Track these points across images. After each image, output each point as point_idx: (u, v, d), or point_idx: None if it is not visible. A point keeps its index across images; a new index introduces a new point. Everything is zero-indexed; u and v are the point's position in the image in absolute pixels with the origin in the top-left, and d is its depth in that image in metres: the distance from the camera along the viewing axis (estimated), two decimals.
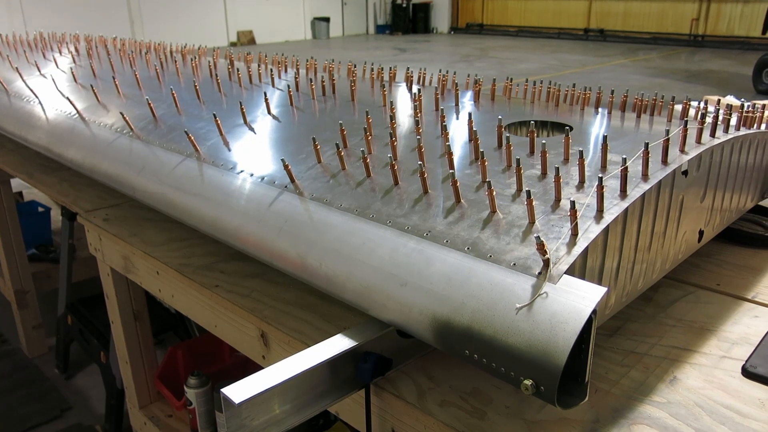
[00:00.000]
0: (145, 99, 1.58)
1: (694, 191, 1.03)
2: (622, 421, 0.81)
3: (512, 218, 0.85)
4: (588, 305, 0.69)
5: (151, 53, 2.43)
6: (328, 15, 17.84)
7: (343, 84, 1.64)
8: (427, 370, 0.93)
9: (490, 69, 10.65)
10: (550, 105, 1.42)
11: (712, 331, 1.01)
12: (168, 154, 1.35)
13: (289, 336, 1.04)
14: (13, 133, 2.01)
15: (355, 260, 0.90)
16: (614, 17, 15.94)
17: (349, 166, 1.08)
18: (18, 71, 2.16)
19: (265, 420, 0.81)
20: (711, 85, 9.05)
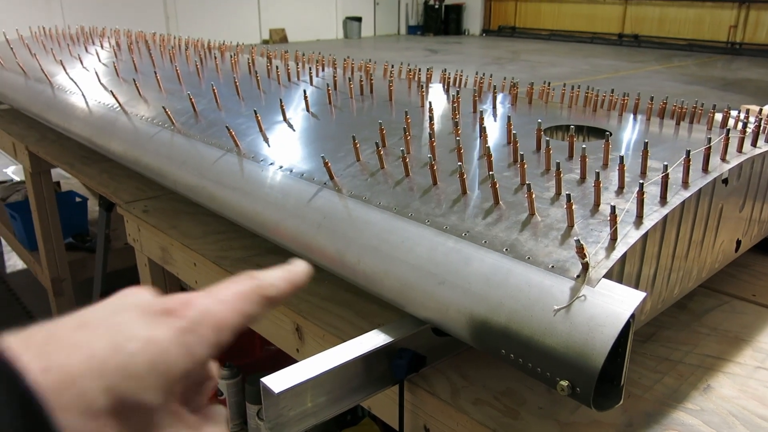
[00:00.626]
0: (185, 94, 1.62)
1: (733, 200, 1.03)
2: (656, 426, 0.81)
3: (551, 221, 0.86)
4: (626, 309, 0.69)
5: (191, 49, 2.47)
6: (360, 15, 17.90)
7: (380, 84, 1.66)
8: (461, 369, 0.94)
9: (522, 72, 10.60)
10: (588, 110, 1.42)
11: (746, 342, 1.01)
12: (208, 149, 1.38)
13: (324, 330, 1.06)
14: (56, 124, 2.07)
15: (394, 258, 0.92)
16: (649, 23, 15.75)
17: (388, 165, 1.09)
18: (61, 64, 2.22)
19: (301, 411, 0.83)
20: (747, 93, 8.90)
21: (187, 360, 0.35)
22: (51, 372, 0.31)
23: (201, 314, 0.37)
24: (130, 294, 0.39)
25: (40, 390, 0.30)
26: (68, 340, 0.33)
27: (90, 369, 0.32)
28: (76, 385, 0.31)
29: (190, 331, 0.36)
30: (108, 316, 0.35)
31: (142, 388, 0.33)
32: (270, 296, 0.41)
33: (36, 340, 0.32)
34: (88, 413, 0.31)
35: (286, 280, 0.43)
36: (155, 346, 0.34)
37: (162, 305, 0.37)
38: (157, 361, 0.34)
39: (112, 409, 0.31)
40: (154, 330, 0.35)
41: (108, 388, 0.32)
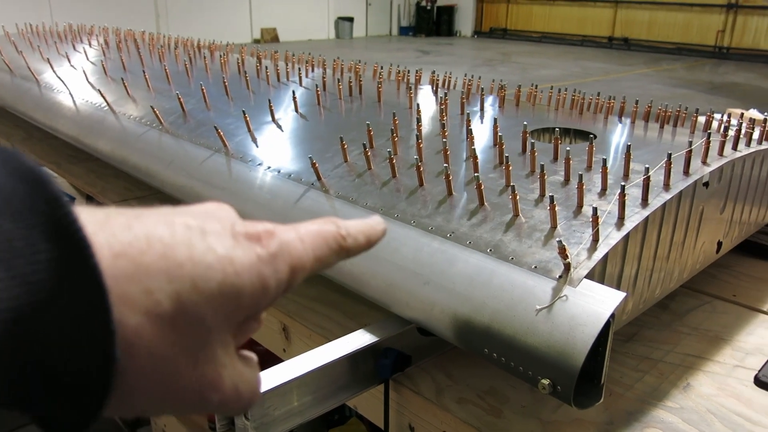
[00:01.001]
0: (174, 93, 1.62)
1: (714, 203, 1.05)
2: (636, 424, 0.83)
3: (535, 222, 0.87)
4: (607, 309, 0.71)
5: (180, 48, 2.47)
6: (352, 15, 17.90)
7: (369, 85, 1.67)
8: (446, 368, 0.95)
9: (513, 74, 10.64)
10: (574, 112, 1.44)
11: (726, 341, 1.02)
12: (197, 149, 1.38)
13: (311, 330, 1.06)
14: (43, 123, 2.06)
15: (380, 258, 0.93)
16: (639, 26, 15.85)
17: (375, 166, 1.10)
18: (49, 62, 2.21)
19: (287, 410, 0.84)
20: (734, 97, 8.98)
21: (257, 290, 0.33)
22: (123, 259, 0.29)
23: (282, 247, 0.35)
24: (216, 206, 0.37)
25: (106, 273, 0.28)
26: (150, 231, 0.30)
27: (164, 269, 0.30)
28: (146, 281, 0.29)
29: (269, 262, 0.34)
30: (192, 221, 0.33)
31: (208, 306, 0.31)
32: (347, 247, 0.39)
33: (115, 222, 0.30)
34: (149, 314, 0.29)
35: (365, 235, 0.41)
36: (232, 267, 0.32)
37: (247, 228, 0.35)
38: (230, 282, 0.32)
39: (174, 317, 0.30)
40: (235, 250, 0.33)
41: (177, 295, 0.30)
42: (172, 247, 0.31)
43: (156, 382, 0.30)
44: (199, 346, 0.32)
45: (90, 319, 0.27)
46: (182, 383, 0.31)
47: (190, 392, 0.32)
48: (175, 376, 0.31)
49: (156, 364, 0.30)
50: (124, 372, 0.29)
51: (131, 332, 0.29)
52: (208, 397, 0.33)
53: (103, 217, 0.30)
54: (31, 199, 0.26)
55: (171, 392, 0.31)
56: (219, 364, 0.33)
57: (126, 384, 0.29)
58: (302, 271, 0.36)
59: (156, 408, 0.32)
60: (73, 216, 0.27)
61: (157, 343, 0.29)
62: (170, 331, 0.30)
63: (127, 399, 0.30)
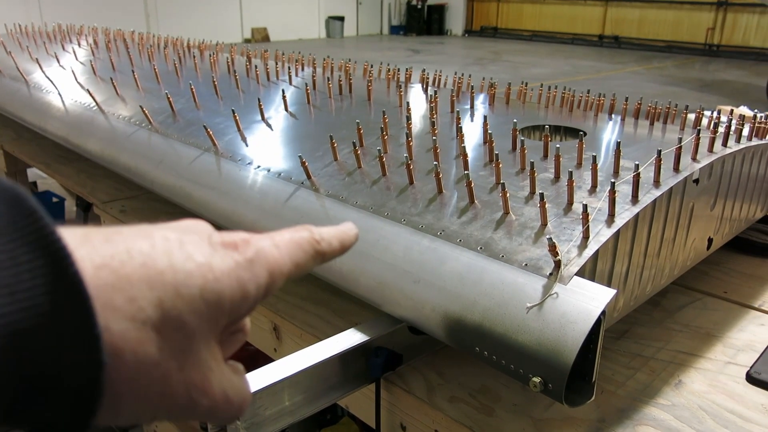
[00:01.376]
0: (163, 93, 1.61)
1: (704, 199, 1.05)
2: (627, 421, 0.83)
3: (525, 220, 0.87)
4: (597, 306, 0.70)
5: (170, 48, 2.46)
6: (342, 14, 17.88)
7: (359, 84, 1.67)
8: (437, 367, 0.95)
9: (504, 73, 10.65)
10: (564, 110, 1.44)
11: (718, 338, 1.02)
12: (186, 148, 1.37)
13: (302, 330, 1.06)
14: (31, 123, 2.04)
15: (370, 256, 0.92)
16: (629, 24, 15.89)
17: (365, 165, 1.10)
18: (37, 62, 2.19)
19: (278, 410, 0.83)
20: (724, 95, 9.02)
21: (237, 295, 0.35)
22: (105, 270, 0.30)
23: (258, 254, 0.36)
24: (192, 223, 0.38)
25: (90, 283, 0.29)
26: (129, 244, 0.32)
27: (145, 277, 0.31)
28: (128, 290, 0.30)
29: (247, 267, 0.35)
30: (170, 234, 0.34)
31: (190, 311, 0.32)
32: (322, 251, 0.41)
33: (95, 238, 0.31)
34: (135, 320, 0.30)
35: (339, 240, 0.42)
36: (211, 273, 0.33)
37: (223, 237, 0.36)
38: (210, 288, 0.33)
39: (158, 323, 0.31)
40: (213, 258, 0.34)
41: (159, 301, 0.31)
42: (152, 257, 0.32)
43: (145, 386, 0.31)
44: (184, 351, 0.33)
45: (75, 325, 0.28)
46: (171, 387, 0.32)
47: (179, 396, 0.33)
48: (163, 380, 0.32)
49: (143, 368, 0.31)
50: (114, 378, 0.29)
51: (117, 338, 0.29)
52: (197, 401, 0.34)
53: (82, 234, 0.31)
54: (9, 215, 0.27)
55: (161, 397, 0.32)
56: (206, 368, 0.34)
57: (116, 390, 0.30)
58: (281, 276, 0.38)
59: (148, 413, 0.32)
60: (51, 228, 0.28)
61: (143, 348, 0.30)
62: (155, 336, 0.31)
63: (119, 405, 0.31)
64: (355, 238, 0.43)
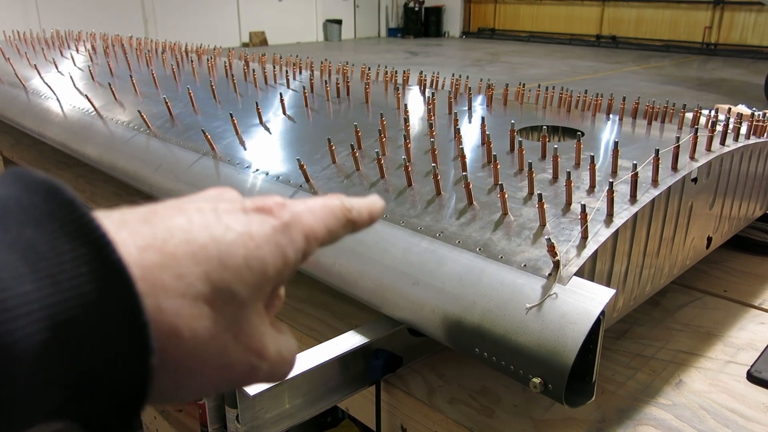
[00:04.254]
0: (161, 98, 1.61)
1: (703, 198, 1.05)
2: (628, 421, 0.82)
3: (523, 221, 0.87)
4: (597, 306, 0.70)
5: (167, 53, 2.46)
6: (340, 17, 17.89)
7: (357, 86, 1.67)
8: (437, 369, 0.95)
9: (502, 74, 10.66)
10: (562, 110, 1.44)
11: (718, 337, 1.02)
12: (184, 152, 1.38)
13: (301, 332, 1.06)
14: (30, 129, 2.05)
15: (369, 259, 0.92)
16: (626, 24, 15.91)
17: (363, 167, 1.10)
18: (36, 68, 2.20)
19: (278, 413, 0.83)
20: (722, 93, 9.02)
21: (279, 260, 0.34)
22: (150, 250, 0.30)
23: (295, 218, 0.36)
24: (219, 191, 0.37)
25: (137, 265, 0.29)
26: (167, 222, 0.32)
27: (190, 253, 0.31)
28: (175, 267, 0.30)
29: (284, 232, 0.35)
30: (204, 205, 0.34)
31: (238, 281, 0.32)
32: (354, 220, 0.40)
33: (132, 219, 0.31)
34: (187, 296, 0.30)
35: (368, 210, 0.42)
36: (252, 241, 0.33)
37: (257, 203, 0.36)
38: (253, 256, 0.33)
39: (209, 296, 0.31)
40: (251, 225, 0.34)
41: (207, 275, 0.31)
42: (192, 232, 0.32)
43: (205, 361, 0.31)
44: (238, 320, 0.33)
45: (122, 312, 0.28)
46: (231, 357, 0.33)
47: (240, 364, 0.33)
48: (222, 352, 0.32)
49: (201, 343, 0.31)
50: (175, 357, 0.30)
51: (172, 317, 0.30)
52: (257, 366, 0.34)
53: (119, 217, 0.31)
54: (47, 206, 0.28)
55: (221, 369, 0.32)
56: (260, 333, 0.35)
57: (178, 368, 0.30)
58: (315, 240, 0.37)
59: (211, 387, 0.33)
60: (89, 216, 0.28)
61: (198, 323, 0.31)
62: (208, 309, 0.31)
63: (182, 383, 0.31)
64: (382, 210, 0.43)
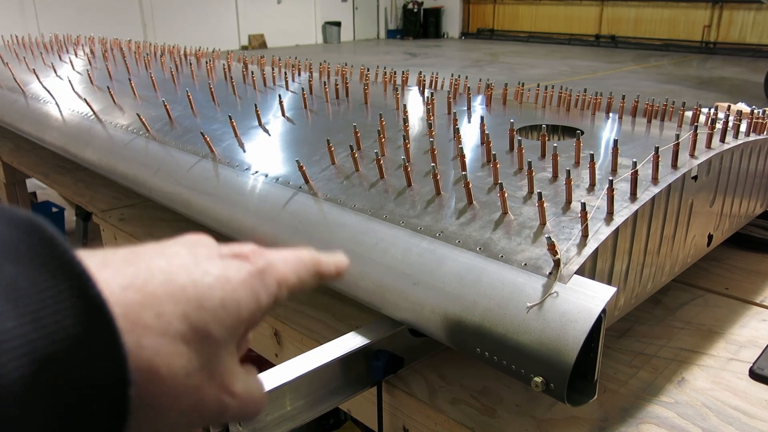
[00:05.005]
0: (160, 101, 1.61)
1: (703, 196, 1.04)
2: (631, 420, 0.82)
3: (523, 219, 0.86)
4: (598, 304, 0.70)
5: (166, 56, 2.46)
6: (339, 19, 17.90)
7: (356, 87, 1.66)
8: (438, 369, 0.94)
9: (501, 74, 10.65)
10: (561, 110, 1.44)
11: (720, 334, 1.02)
12: (184, 155, 1.37)
13: (302, 334, 1.06)
14: (29, 134, 2.04)
15: (369, 259, 0.92)
16: (625, 23, 15.91)
17: (363, 168, 1.10)
18: (35, 73, 2.20)
19: (280, 415, 0.83)
20: (722, 92, 9.02)
21: (253, 304, 0.36)
22: (131, 290, 0.31)
23: (269, 265, 0.38)
24: (196, 237, 0.39)
25: (118, 303, 0.30)
26: (148, 263, 0.33)
27: (169, 293, 0.32)
28: (155, 306, 0.31)
29: (259, 277, 0.37)
30: (184, 250, 0.36)
31: (215, 322, 0.34)
32: (322, 271, 0.42)
33: (115, 259, 0.33)
34: (166, 335, 0.31)
35: (335, 266, 0.44)
36: (229, 284, 0.35)
37: (234, 249, 0.38)
38: (230, 297, 0.35)
39: (187, 335, 0.32)
40: (228, 269, 0.36)
41: (185, 315, 0.32)
42: (173, 274, 0.33)
43: (181, 397, 0.33)
44: (212, 359, 0.34)
45: (102, 346, 0.28)
46: (204, 394, 0.34)
47: (212, 402, 0.35)
48: (197, 389, 0.33)
49: (178, 381, 0.32)
50: (153, 393, 0.31)
51: (152, 354, 0.31)
52: (228, 405, 0.36)
53: (102, 257, 0.33)
54: (29, 242, 0.28)
55: (195, 406, 0.34)
56: (231, 373, 0.36)
57: (156, 404, 0.31)
58: (286, 287, 0.39)
59: (183, 424, 0.34)
60: (70, 252, 0.29)
61: (176, 361, 0.32)
62: (186, 348, 0.32)
63: (159, 419, 0.32)
64: (346, 267, 0.46)
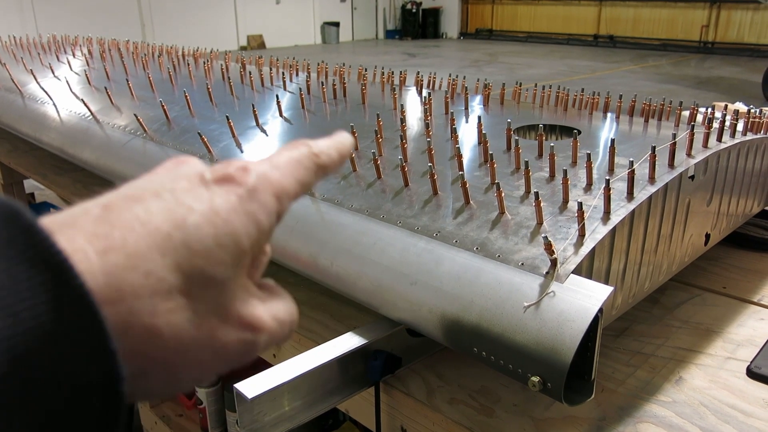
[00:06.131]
0: (158, 101, 1.61)
1: (700, 195, 1.04)
2: (628, 419, 0.82)
3: (520, 219, 0.86)
4: (595, 304, 0.70)
5: (164, 56, 2.46)
6: (337, 20, 17.92)
7: (353, 87, 1.67)
8: (436, 369, 0.94)
9: (500, 74, 10.66)
10: (559, 109, 1.44)
11: (717, 333, 1.02)
12: (181, 156, 1.37)
13: (300, 335, 1.05)
14: (27, 135, 2.04)
15: (366, 259, 0.92)
16: (624, 23, 15.94)
17: (360, 168, 1.10)
18: (32, 73, 2.19)
19: (277, 416, 0.83)
20: (720, 91, 9.03)
21: (252, 229, 0.33)
22: (111, 253, 0.28)
23: (260, 180, 0.34)
24: (179, 163, 0.35)
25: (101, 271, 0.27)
26: (123, 217, 0.29)
27: (154, 246, 0.29)
28: (141, 265, 0.28)
29: (252, 198, 0.33)
30: (162, 188, 0.32)
31: (212, 263, 0.31)
32: (323, 164, 0.39)
33: (86, 220, 0.29)
34: (159, 293, 0.29)
35: (336, 150, 0.40)
36: (218, 217, 0.31)
37: (218, 172, 0.34)
38: (223, 232, 0.31)
39: (183, 287, 0.29)
40: (214, 200, 0.32)
41: (176, 265, 0.29)
42: (153, 223, 0.30)
43: (196, 350, 0.30)
44: (221, 302, 0.32)
45: (87, 339, 0.26)
46: (222, 339, 0.32)
47: (234, 344, 0.32)
48: (212, 337, 0.31)
49: (186, 336, 0.30)
50: (162, 356, 0.29)
51: (148, 318, 0.28)
52: (253, 341, 0.33)
53: (71, 220, 0.29)
54: (6, 232, 0.26)
55: (215, 354, 0.31)
56: (249, 306, 0.34)
57: (169, 365, 0.29)
58: (287, 197, 0.36)
59: (208, 373, 0.32)
60: (50, 242, 0.26)
61: (177, 317, 0.29)
62: (185, 300, 0.30)
63: (177, 377, 0.30)
64: (351, 146, 0.42)
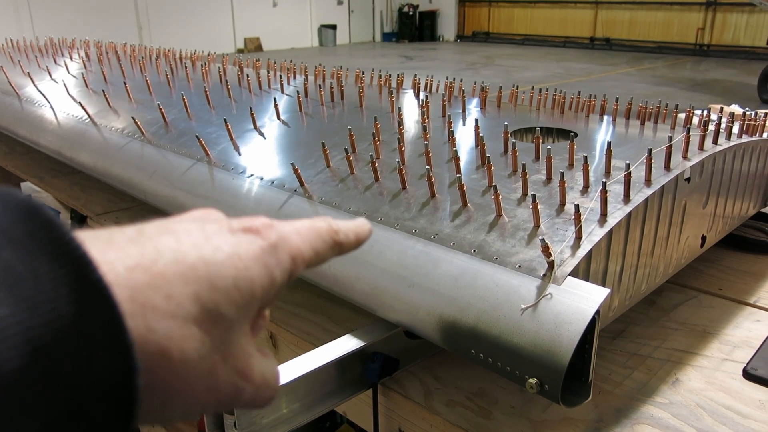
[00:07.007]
0: (155, 104, 1.61)
1: (696, 197, 1.05)
2: (625, 421, 0.82)
3: (517, 222, 0.87)
4: (591, 306, 0.70)
5: (161, 59, 2.46)
6: (334, 22, 17.92)
7: (351, 90, 1.67)
8: (434, 371, 0.95)
9: (496, 77, 10.68)
10: (556, 112, 1.44)
11: (714, 335, 1.03)
12: (179, 158, 1.37)
13: (298, 337, 1.06)
14: (24, 137, 2.04)
15: (364, 262, 0.92)
16: (620, 26, 15.96)
17: (358, 171, 1.10)
18: (29, 76, 2.19)
19: (275, 418, 0.83)
20: (716, 94, 9.05)
21: (267, 281, 0.34)
22: (138, 270, 0.29)
23: (282, 239, 0.36)
24: (205, 212, 0.37)
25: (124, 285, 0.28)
26: (155, 242, 0.31)
27: (179, 273, 0.30)
28: (164, 287, 0.29)
29: (271, 253, 0.35)
30: (193, 227, 0.34)
31: (227, 302, 0.32)
32: (340, 241, 0.40)
33: (120, 239, 0.31)
34: (176, 317, 0.30)
35: (355, 233, 0.42)
36: (240, 262, 0.33)
37: (244, 223, 0.36)
38: (241, 276, 0.33)
39: (198, 317, 0.31)
40: (240, 245, 0.34)
41: (197, 295, 0.30)
42: (182, 252, 0.31)
43: (194, 382, 0.31)
44: (226, 341, 0.32)
45: (105, 333, 0.26)
46: (218, 378, 0.32)
47: (226, 386, 0.33)
48: (211, 372, 0.32)
49: (191, 364, 0.30)
50: (165, 378, 0.29)
51: (162, 338, 0.29)
52: (242, 389, 0.34)
53: (107, 236, 0.31)
54: (26, 226, 0.26)
55: (208, 390, 0.32)
56: (246, 355, 0.34)
57: (168, 389, 0.30)
58: (302, 262, 0.37)
59: (196, 409, 0.32)
60: (69, 235, 0.27)
61: (188, 344, 0.30)
62: (198, 330, 0.30)
63: (171, 404, 0.31)
64: (369, 233, 0.44)
